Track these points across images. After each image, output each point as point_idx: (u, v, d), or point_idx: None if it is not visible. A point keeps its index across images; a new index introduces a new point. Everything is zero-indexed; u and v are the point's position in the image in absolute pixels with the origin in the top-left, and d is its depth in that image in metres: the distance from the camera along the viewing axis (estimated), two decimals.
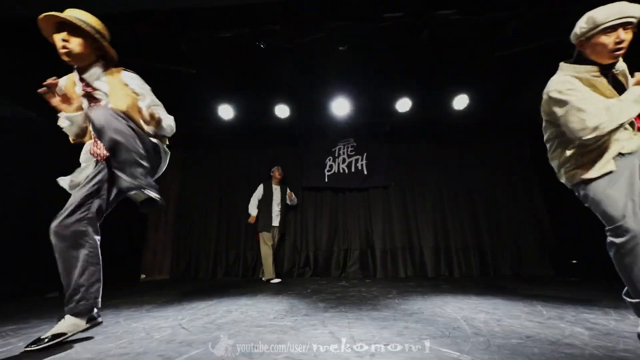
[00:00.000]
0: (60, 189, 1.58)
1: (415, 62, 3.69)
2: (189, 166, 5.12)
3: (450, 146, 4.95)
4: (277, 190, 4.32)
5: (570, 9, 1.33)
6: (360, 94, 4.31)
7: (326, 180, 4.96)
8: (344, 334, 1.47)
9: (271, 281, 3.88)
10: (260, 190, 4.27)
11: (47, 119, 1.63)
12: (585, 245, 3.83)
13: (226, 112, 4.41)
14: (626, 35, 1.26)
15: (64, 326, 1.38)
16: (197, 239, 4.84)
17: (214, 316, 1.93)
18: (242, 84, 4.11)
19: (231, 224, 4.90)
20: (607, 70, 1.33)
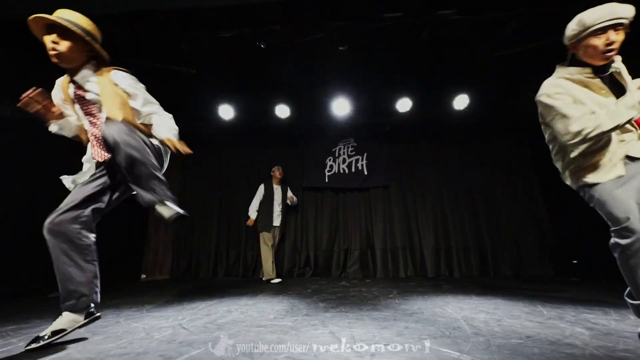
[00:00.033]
0: (60, 188, 1.58)
1: (415, 62, 3.69)
2: (189, 166, 5.12)
3: (450, 146, 4.94)
4: (278, 190, 4.31)
5: (570, 9, 1.32)
6: (360, 94, 4.31)
7: (326, 180, 4.96)
8: (345, 334, 1.47)
9: (271, 281, 3.88)
10: (261, 190, 4.25)
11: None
12: (585, 245, 3.83)
13: (226, 112, 4.41)
14: (617, 36, 1.25)
15: (62, 322, 1.38)
16: (198, 239, 4.85)
17: (215, 316, 1.94)
18: (242, 84, 4.11)
19: (231, 224, 4.90)
20: (601, 71, 1.32)
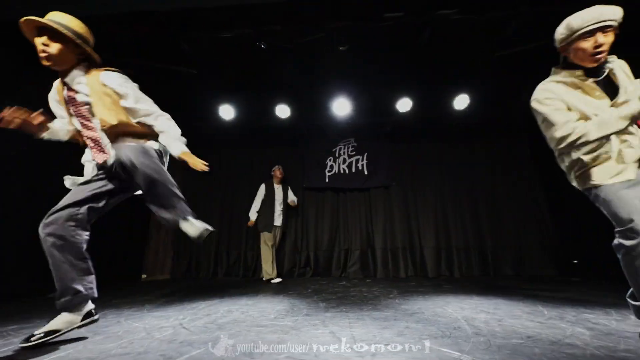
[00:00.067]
0: (60, 188, 1.58)
1: (415, 62, 3.69)
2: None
3: (451, 146, 4.94)
4: (279, 189, 4.31)
5: (570, 9, 1.32)
6: (360, 93, 4.31)
7: (327, 180, 4.96)
8: (345, 334, 1.47)
9: (272, 281, 3.88)
10: (262, 190, 4.24)
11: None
12: (586, 245, 3.83)
13: (227, 112, 4.41)
14: (605, 38, 1.25)
15: (57, 323, 1.39)
16: None
17: (215, 316, 1.94)
18: (242, 84, 4.12)
19: (232, 224, 4.90)
20: (594, 73, 1.32)
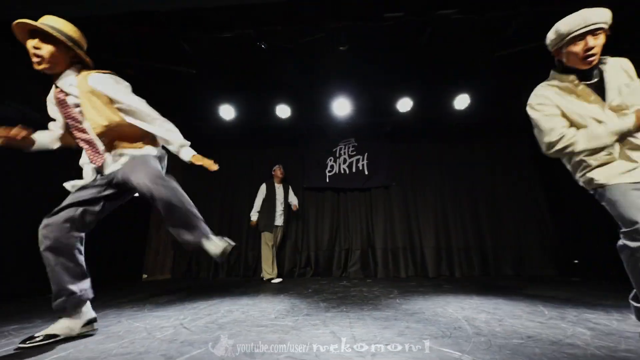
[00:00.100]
0: (60, 188, 1.60)
1: (415, 62, 3.69)
2: (190, 166, 5.10)
3: (451, 146, 4.94)
4: (279, 188, 4.29)
5: (570, 9, 1.32)
6: (360, 93, 4.30)
7: (327, 180, 4.95)
8: (345, 334, 1.47)
9: (272, 281, 3.88)
10: (263, 190, 4.22)
11: (49, 119, 1.64)
12: (587, 245, 3.82)
13: (227, 112, 4.41)
14: (595, 41, 1.25)
15: (56, 328, 1.44)
16: None
17: (216, 316, 1.94)
18: (242, 84, 4.11)
19: (232, 224, 4.90)
20: (587, 77, 1.33)
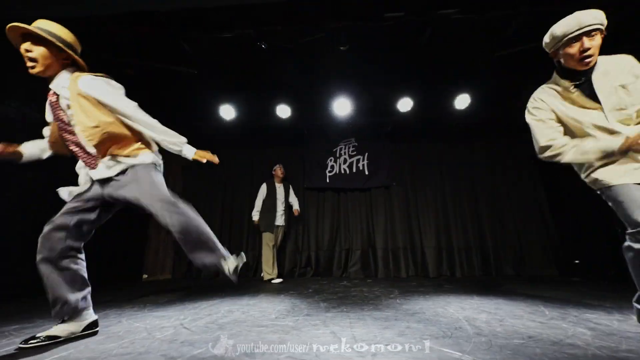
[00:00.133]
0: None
1: (416, 62, 3.68)
2: (190, 166, 5.11)
3: (451, 146, 4.93)
4: (280, 188, 4.28)
5: (570, 9, 1.32)
6: (361, 93, 4.30)
7: (327, 180, 4.95)
8: (346, 334, 1.47)
9: (272, 281, 3.88)
10: (263, 190, 4.21)
11: (46, 123, 1.65)
12: (586, 245, 3.82)
13: (227, 112, 4.41)
14: (591, 42, 1.26)
15: (58, 330, 1.45)
16: None
17: (216, 316, 1.94)
18: (243, 84, 4.11)
19: (232, 224, 4.90)
20: (580, 80, 1.34)
